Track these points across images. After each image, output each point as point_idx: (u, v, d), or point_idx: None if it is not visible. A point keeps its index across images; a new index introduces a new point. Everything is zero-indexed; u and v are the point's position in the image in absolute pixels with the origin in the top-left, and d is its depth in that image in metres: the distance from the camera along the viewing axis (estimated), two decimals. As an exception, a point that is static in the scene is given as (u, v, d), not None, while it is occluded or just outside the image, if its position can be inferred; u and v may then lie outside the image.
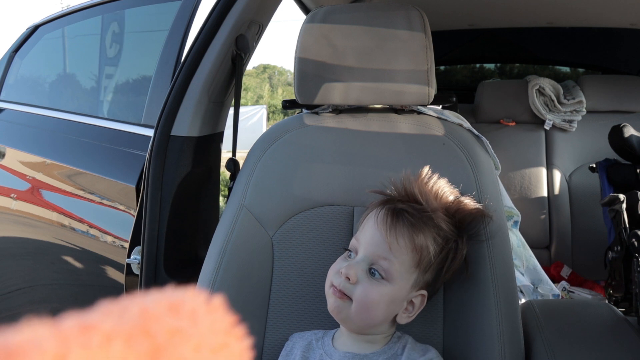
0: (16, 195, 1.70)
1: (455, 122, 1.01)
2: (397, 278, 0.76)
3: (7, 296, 1.71)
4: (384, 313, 0.77)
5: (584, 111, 2.33)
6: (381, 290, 0.76)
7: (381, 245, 0.77)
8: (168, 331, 0.19)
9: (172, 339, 0.19)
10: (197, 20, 1.32)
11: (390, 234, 0.76)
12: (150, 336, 0.18)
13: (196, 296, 0.21)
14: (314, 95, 0.98)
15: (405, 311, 0.79)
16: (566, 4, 2.15)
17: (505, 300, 0.84)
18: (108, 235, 1.37)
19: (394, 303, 0.77)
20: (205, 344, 0.20)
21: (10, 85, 2.09)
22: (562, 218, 2.27)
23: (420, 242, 0.76)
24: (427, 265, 0.77)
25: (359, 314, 0.76)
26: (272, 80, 24.70)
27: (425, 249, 0.77)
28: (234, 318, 0.21)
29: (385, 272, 0.76)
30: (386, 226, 0.77)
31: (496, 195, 0.93)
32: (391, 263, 0.76)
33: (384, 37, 0.96)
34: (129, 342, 0.17)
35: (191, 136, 1.17)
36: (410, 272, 0.77)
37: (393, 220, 0.77)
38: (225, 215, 0.96)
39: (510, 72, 3.27)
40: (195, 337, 0.20)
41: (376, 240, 0.77)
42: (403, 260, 0.76)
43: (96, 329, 0.17)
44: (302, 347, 0.83)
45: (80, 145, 1.55)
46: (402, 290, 0.77)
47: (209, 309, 0.21)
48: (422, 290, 0.79)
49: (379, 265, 0.76)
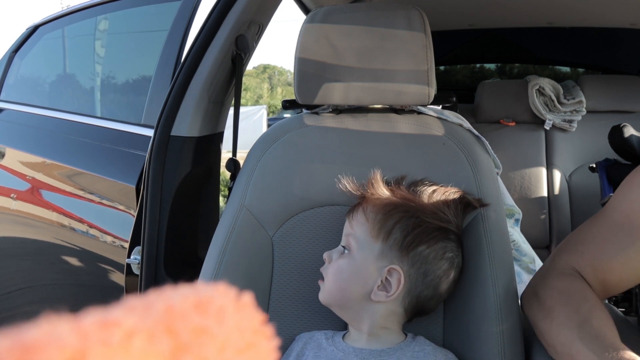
0: (16, 195, 1.70)
1: (455, 122, 1.01)
2: (357, 249, 0.81)
3: (7, 296, 1.71)
4: (354, 285, 0.80)
5: (584, 111, 2.33)
6: (345, 261, 0.81)
7: (346, 225, 0.85)
8: (193, 330, 0.18)
9: (196, 338, 0.18)
10: (197, 20, 1.32)
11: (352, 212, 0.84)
12: (174, 334, 0.18)
13: (225, 293, 0.20)
14: (314, 95, 0.98)
15: (380, 288, 0.78)
16: (566, 4, 2.15)
17: (505, 300, 0.84)
18: (108, 235, 1.37)
19: (362, 273, 0.79)
20: (231, 343, 0.19)
21: (10, 85, 2.09)
22: (562, 218, 2.27)
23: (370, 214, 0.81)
24: (386, 236, 0.79)
25: (331, 289, 0.82)
26: (272, 80, 24.69)
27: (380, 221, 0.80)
28: (262, 317, 0.21)
29: (348, 246, 0.82)
30: (352, 210, 0.85)
31: (496, 195, 0.93)
32: (352, 237, 0.82)
33: (384, 37, 0.96)
34: (151, 339, 0.17)
35: (191, 136, 1.17)
36: (369, 241, 0.80)
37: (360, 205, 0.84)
38: (225, 215, 0.96)
39: (510, 72, 3.27)
40: (221, 336, 0.19)
41: (346, 223, 0.86)
42: (361, 231, 0.81)
43: (118, 325, 0.17)
44: (313, 348, 0.83)
45: (80, 145, 1.55)
46: (366, 261, 0.80)
47: (237, 306, 0.20)
48: (394, 265, 0.78)
49: (346, 243, 0.83)
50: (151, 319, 0.18)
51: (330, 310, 0.88)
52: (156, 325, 0.18)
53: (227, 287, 0.21)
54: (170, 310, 0.18)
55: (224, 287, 0.21)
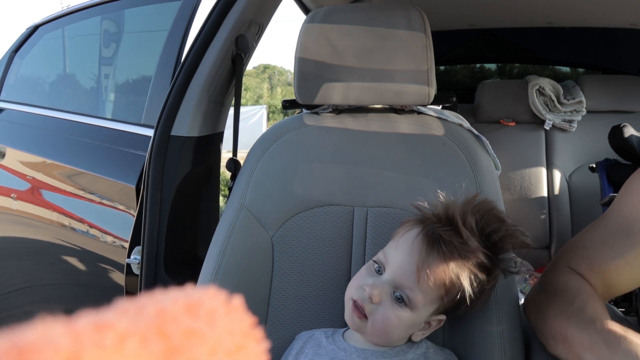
0: (16, 195, 1.70)
1: (455, 122, 1.01)
2: (420, 308, 0.75)
3: (7, 296, 1.71)
4: (400, 335, 0.77)
5: (584, 111, 2.33)
6: (401, 315, 0.75)
7: (410, 276, 0.74)
8: (184, 332, 0.19)
9: (187, 341, 0.19)
10: (197, 20, 1.32)
11: (422, 268, 0.73)
12: (166, 337, 0.18)
13: (215, 296, 0.21)
14: (314, 95, 0.98)
15: (421, 330, 0.79)
16: (566, 4, 2.15)
17: (505, 301, 0.84)
18: (108, 235, 1.37)
19: (412, 327, 0.77)
20: (221, 346, 0.20)
21: (10, 85, 2.09)
22: (562, 218, 2.27)
23: (450, 280, 0.73)
24: (453, 298, 0.75)
25: (375, 334, 0.76)
26: (272, 80, 24.70)
27: (455, 286, 0.73)
28: (252, 319, 0.21)
29: (409, 301, 0.74)
30: (420, 256, 0.74)
31: (496, 195, 0.93)
32: (416, 294, 0.74)
33: (384, 37, 0.96)
34: (144, 342, 0.17)
35: (191, 136, 1.17)
36: (433, 303, 0.76)
37: (427, 250, 0.74)
38: (225, 215, 0.96)
39: (510, 72, 3.27)
40: (211, 338, 0.19)
41: (406, 270, 0.75)
42: (430, 296, 0.74)
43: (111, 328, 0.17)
44: (313, 346, 0.83)
45: (81, 145, 1.55)
46: (422, 317, 0.77)
47: (227, 309, 0.21)
48: (441, 315, 0.79)
49: (404, 293, 0.74)
50: (143, 322, 0.18)
51: (330, 310, 0.88)
52: (148, 327, 0.18)
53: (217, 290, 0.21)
54: (161, 313, 0.19)
55: (214, 290, 0.21)
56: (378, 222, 0.93)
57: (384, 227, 0.92)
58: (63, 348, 0.16)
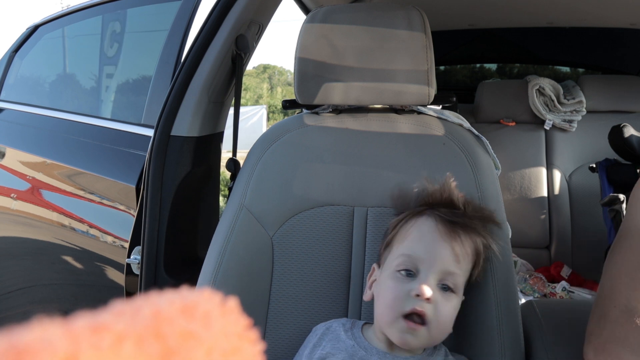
0: (16, 195, 1.70)
1: (455, 122, 1.01)
2: (461, 289, 0.77)
3: (7, 296, 1.71)
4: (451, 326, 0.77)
5: (584, 111, 2.33)
6: (453, 303, 0.76)
7: (451, 261, 0.75)
8: (180, 334, 0.19)
9: (183, 342, 0.19)
10: (197, 20, 1.32)
11: (456, 244, 0.76)
12: (162, 339, 0.18)
13: (210, 298, 0.21)
14: (314, 95, 0.98)
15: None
16: (566, 4, 2.15)
17: (505, 300, 0.84)
18: (108, 235, 1.37)
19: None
20: (217, 348, 0.20)
21: (10, 85, 2.09)
22: (562, 218, 2.27)
23: (478, 246, 0.79)
24: (475, 268, 0.80)
25: (438, 336, 0.75)
26: (272, 80, 24.70)
27: (479, 254, 0.79)
28: (248, 321, 0.21)
29: (454, 286, 0.76)
30: (450, 238, 0.76)
31: (496, 195, 0.93)
32: (459, 276, 0.76)
33: (384, 37, 0.96)
34: (140, 343, 0.17)
35: (191, 136, 1.17)
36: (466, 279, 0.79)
37: (450, 232, 0.77)
38: (225, 215, 0.96)
39: (510, 72, 3.27)
40: (207, 340, 0.20)
41: (444, 257, 0.75)
42: (466, 269, 0.78)
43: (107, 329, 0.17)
44: (331, 339, 0.81)
45: (80, 145, 1.55)
46: (460, 298, 0.78)
47: (222, 311, 0.21)
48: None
49: (449, 280, 0.76)
50: (140, 324, 0.18)
51: (329, 310, 0.88)
52: (145, 329, 0.18)
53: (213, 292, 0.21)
54: (157, 315, 0.19)
55: (210, 292, 0.21)
56: (378, 221, 0.93)
57: (384, 227, 0.92)
58: (60, 350, 0.16)
